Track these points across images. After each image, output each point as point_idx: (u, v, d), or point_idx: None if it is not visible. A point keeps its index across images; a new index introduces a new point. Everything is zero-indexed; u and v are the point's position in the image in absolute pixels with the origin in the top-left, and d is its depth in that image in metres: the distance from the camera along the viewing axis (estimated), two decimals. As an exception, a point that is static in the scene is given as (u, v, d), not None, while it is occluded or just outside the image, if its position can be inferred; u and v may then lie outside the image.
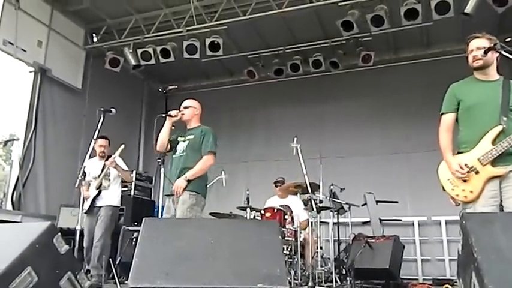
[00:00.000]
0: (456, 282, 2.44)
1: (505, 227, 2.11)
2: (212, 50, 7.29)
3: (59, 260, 2.83)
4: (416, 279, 6.95)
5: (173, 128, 4.38)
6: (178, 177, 4.07)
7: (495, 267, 1.93)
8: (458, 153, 3.16)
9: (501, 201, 2.95)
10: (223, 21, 7.22)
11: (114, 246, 5.96)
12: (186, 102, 4.60)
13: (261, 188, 7.22)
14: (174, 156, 4.32)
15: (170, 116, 4.34)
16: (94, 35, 8.20)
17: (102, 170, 5.41)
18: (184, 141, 4.34)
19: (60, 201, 6.77)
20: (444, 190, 3.17)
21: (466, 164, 3.03)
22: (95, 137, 4.38)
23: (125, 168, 5.57)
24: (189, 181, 4.02)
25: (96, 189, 5.36)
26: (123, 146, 5.40)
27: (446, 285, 2.33)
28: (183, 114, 4.41)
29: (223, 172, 6.36)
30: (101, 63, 7.87)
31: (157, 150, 4.23)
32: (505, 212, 2.84)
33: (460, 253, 2.33)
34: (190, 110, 4.53)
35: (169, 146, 4.35)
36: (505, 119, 2.98)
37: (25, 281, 2.50)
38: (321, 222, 6.12)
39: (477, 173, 2.99)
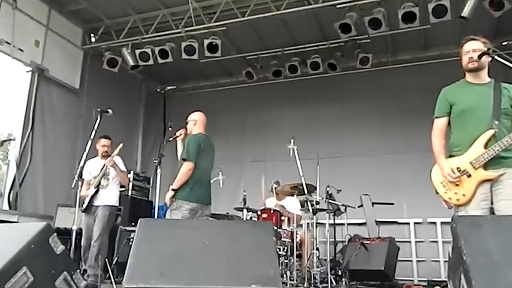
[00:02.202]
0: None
1: (494, 231, 2.14)
2: (210, 51, 7.31)
3: (54, 260, 2.85)
4: (411, 280, 7.00)
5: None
6: None
7: (483, 270, 1.96)
8: (450, 156, 3.19)
9: (492, 204, 2.98)
10: (222, 22, 7.24)
11: (111, 246, 5.97)
12: (189, 117, 5.00)
13: (258, 189, 7.25)
14: None
15: (177, 137, 4.86)
16: (92, 35, 8.21)
17: (102, 169, 5.43)
18: None
19: (58, 201, 6.79)
20: (437, 193, 3.20)
21: (458, 168, 3.07)
22: (91, 137, 4.39)
23: (123, 169, 5.58)
24: (174, 190, 4.42)
25: (95, 188, 5.37)
26: (121, 145, 5.42)
27: (437, 287, 2.36)
28: (180, 134, 4.88)
29: (220, 173, 6.38)
30: (99, 64, 7.88)
31: None
32: (494, 216, 2.88)
33: (451, 255, 2.37)
34: (189, 124, 4.92)
35: None
36: (496, 122, 3.01)
37: (20, 281, 2.52)
38: (317, 223, 6.15)
39: (469, 176, 3.03)
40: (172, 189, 4.42)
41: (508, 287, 1.88)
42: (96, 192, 5.38)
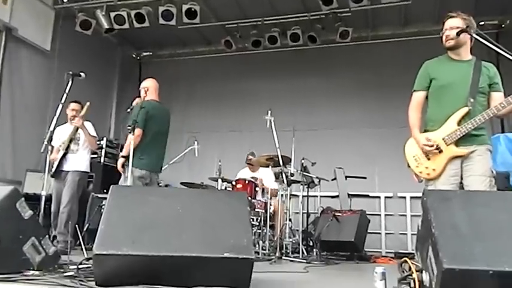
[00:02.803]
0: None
1: (462, 205, 2.19)
2: (189, 17, 7.13)
3: (22, 225, 2.80)
4: (380, 252, 7.21)
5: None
6: None
7: (450, 243, 2.01)
8: (425, 131, 3.24)
9: (461, 179, 3.06)
10: (201, -13, 7.05)
11: (82, 213, 5.92)
12: (141, 85, 4.96)
13: (234, 159, 7.25)
14: None
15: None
16: (64, -6, 7.86)
17: (71, 132, 5.30)
18: None
19: (27, 166, 6.64)
20: (409, 167, 3.26)
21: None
22: (62, 101, 4.24)
23: (93, 133, 5.46)
24: (123, 156, 4.58)
25: (63, 150, 5.25)
26: (88, 104, 5.29)
27: (405, 258, 2.41)
28: (136, 104, 4.80)
29: (195, 142, 6.34)
30: (71, 25, 7.56)
31: None
32: (463, 190, 2.96)
33: (420, 228, 2.42)
34: (141, 92, 4.89)
35: None
36: (472, 100, 3.06)
37: (-14, 246, 2.48)
38: (291, 195, 6.22)
39: (441, 151, 3.09)
40: (122, 156, 4.58)
41: (473, 258, 1.94)
42: (64, 155, 5.25)
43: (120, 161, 4.60)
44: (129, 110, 4.85)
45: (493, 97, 3.14)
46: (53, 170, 5.18)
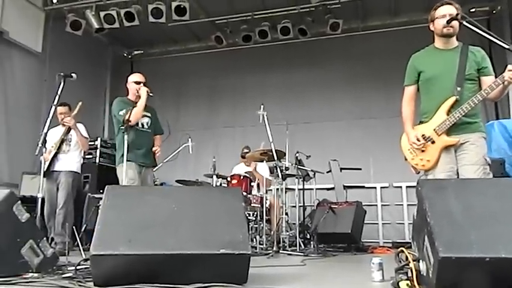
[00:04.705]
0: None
1: (456, 193, 2.21)
2: (178, 14, 7.11)
3: (19, 228, 2.80)
4: (377, 242, 7.26)
5: None
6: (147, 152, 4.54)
7: (446, 231, 2.02)
8: (421, 122, 3.26)
9: (457, 168, 3.09)
10: (190, -17, 7.01)
11: (79, 213, 5.91)
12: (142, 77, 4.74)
13: (228, 154, 7.25)
14: (137, 128, 4.50)
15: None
16: (53, -5, 7.80)
17: (63, 133, 5.29)
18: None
19: (23, 168, 6.62)
20: (406, 160, 3.30)
21: (423, 135, 3.16)
22: (55, 102, 4.23)
23: (85, 134, 5.45)
24: None
25: (55, 151, 5.24)
26: (80, 103, 5.28)
27: (401, 248, 2.43)
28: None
29: (189, 139, 6.32)
30: (61, 26, 7.52)
31: (129, 121, 4.25)
32: (458, 179, 2.98)
33: (415, 218, 2.44)
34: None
35: None
36: (459, 89, 3.07)
37: (-16, 250, 2.47)
38: (286, 188, 6.23)
39: (433, 142, 3.12)
40: None
41: (469, 246, 1.96)
42: (56, 155, 5.24)
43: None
44: None
45: (483, 81, 3.12)
46: (44, 169, 5.13)
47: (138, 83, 4.61)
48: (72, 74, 4.34)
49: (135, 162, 4.37)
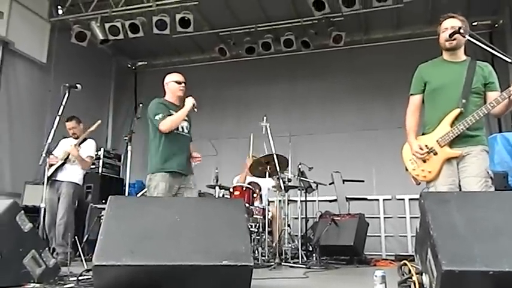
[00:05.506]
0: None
1: (459, 206, 2.21)
2: (182, 26, 7.17)
3: (22, 238, 2.81)
4: (380, 255, 7.20)
5: None
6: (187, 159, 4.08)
7: (449, 244, 2.02)
8: (423, 134, 3.26)
9: (459, 181, 3.07)
10: (194, -4, 7.07)
11: (81, 224, 5.91)
12: (182, 77, 4.35)
13: (231, 165, 7.25)
14: (177, 132, 4.05)
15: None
16: (59, 7, 7.86)
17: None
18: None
19: (26, 178, 6.63)
20: (407, 170, 3.28)
21: (426, 145, 3.14)
22: (59, 113, 4.24)
23: (92, 153, 5.51)
24: None
25: (61, 160, 5.27)
26: (99, 122, 5.37)
27: (404, 261, 2.42)
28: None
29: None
30: (67, 37, 7.61)
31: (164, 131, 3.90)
32: (460, 192, 2.97)
33: (418, 230, 2.43)
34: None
35: None
36: (464, 101, 3.07)
37: (-13, 260, 2.47)
38: (289, 200, 6.22)
39: (436, 154, 3.11)
40: None
41: (472, 259, 1.95)
42: (62, 164, 5.27)
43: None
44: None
45: (489, 97, 3.12)
46: (49, 174, 5.11)
47: (179, 82, 4.23)
48: (77, 85, 4.37)
49: (172, 171, 3.90)
